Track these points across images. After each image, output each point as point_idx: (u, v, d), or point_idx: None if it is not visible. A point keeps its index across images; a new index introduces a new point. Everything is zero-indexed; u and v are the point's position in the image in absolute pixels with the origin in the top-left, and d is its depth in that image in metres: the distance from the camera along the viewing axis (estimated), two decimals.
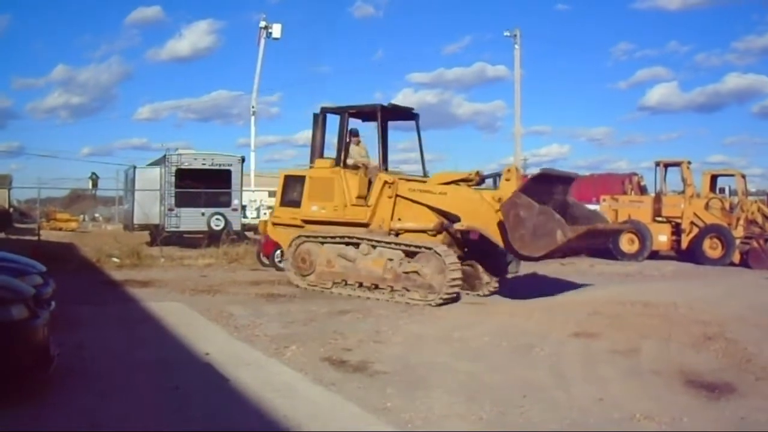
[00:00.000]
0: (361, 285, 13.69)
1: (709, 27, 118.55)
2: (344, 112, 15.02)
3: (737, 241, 22.21)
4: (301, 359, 8.09)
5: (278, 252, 18.78)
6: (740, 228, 22.41)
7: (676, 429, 5.92)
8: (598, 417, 6.17)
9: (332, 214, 14.54)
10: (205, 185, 24.86)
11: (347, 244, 14.00)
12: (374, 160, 15.31)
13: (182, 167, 25.12)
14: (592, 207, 27.74)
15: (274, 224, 15.97)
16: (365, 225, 14.10)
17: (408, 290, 12.96)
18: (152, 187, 25.52)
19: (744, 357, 8.63)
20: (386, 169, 15.21)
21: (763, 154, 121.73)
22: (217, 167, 25.70)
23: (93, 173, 34.55)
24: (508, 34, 35.37)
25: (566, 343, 9.37)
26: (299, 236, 14.75)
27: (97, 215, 53.63)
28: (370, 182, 14.47)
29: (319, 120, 15.37)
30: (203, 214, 24.96)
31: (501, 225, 12.31)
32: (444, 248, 12.90)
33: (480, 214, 12.83)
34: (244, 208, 29.66)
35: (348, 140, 15.13)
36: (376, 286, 13.40)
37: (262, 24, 38.90)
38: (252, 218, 33.18)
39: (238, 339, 9.30)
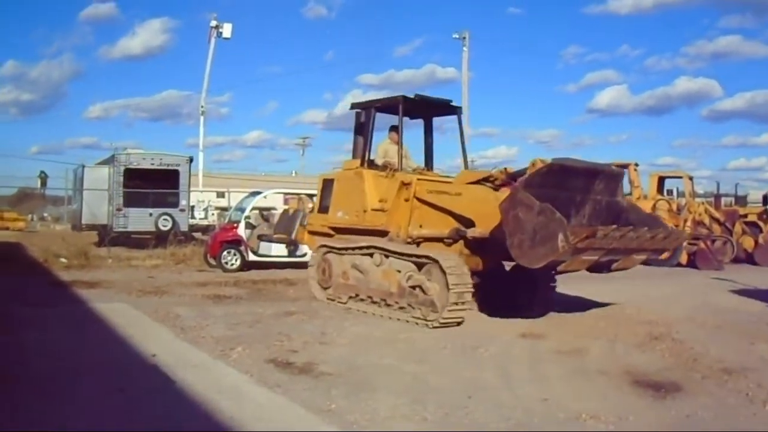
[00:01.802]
0: (372, 301, 11.89)
1: (660, 32, 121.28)
2: (371, 107, 13.42)
3: (684, 243, 22.44)
4: (246, 361, 7.96)
5: (224, 253, 18.73)
6: (687, 229, 22.47)
7: (622, 428, 5.91)
8: (543, 417, 6.14)
9: (354, 221, 12.87)
10: (154, 185, 24.62)
11: (363, 254, 12.24)
12: (416, 161, 13.76)
13: (131, 167, 24.82)
14: None
15: (310, 232, 14.56)
16: (384, 233, 12.25)
17: (413, 307, 10.90)
18: (101, 186, 25.16)
19: (690, 356, 8.71)
20: (428, 171, 13.57)
21: (711, 157, 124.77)
22: (165, 167, 25.48)
23: (42, 172, 34.17)
24: (457, 36, 35.44)
25: (512, 343, 9.37)
26: (321, 245, 13.40)
27: (45, 215, 52.83)
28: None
29: (361, 117, 13.69)
30: (151, 214, 24.67)
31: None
32: (452, 259, 10.65)
33: (494, 217, 10.19)
34: (192, 208, 29.40)
35: (392, 139, 13.52)
36: (386, 302, 11.55)
37: (213, 23, 38.65)
38: (200, 219, 32.92)
39: (185, 340, 9.13)
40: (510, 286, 11.97)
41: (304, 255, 19.49)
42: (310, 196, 22.82)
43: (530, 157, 12.03)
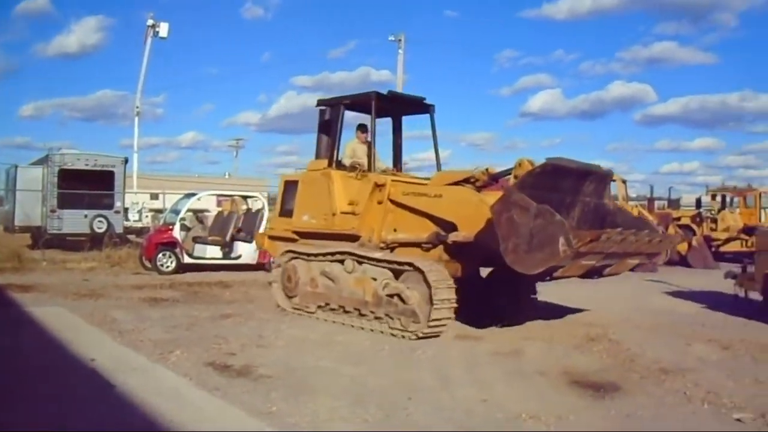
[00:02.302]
0: (344, 311, 11.01)
1: (596, 37, 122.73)
2: (339, 104, 12.43)
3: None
4: (185, 364, 7.83)
5: (160, 255, 18.50)
6: None
7: (562, 428, 5.94)
8: (483, 417, 6.15)
9: (322, 225, 12.02)
10: (89, 186, 24.04)
11: (334, 260, 11.39)
12: (384, 162, 12.92)
13: (65, 167, 24.24)
14: None
15: (270, 237, 13.69)
16: (355, 237, 11.40)
17: (391, 317, 10.10)
18: (34, 187, 24.52)
19: (627, 357, 8.81)
20: (397, 172, 12.77)
21: (644, 160, 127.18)
22: (100, 168, 24.93)
23: None
24: (393, 38, 35.48)
25: (450, 345, 9.36)
26: (286, 251, 12.36)
27: None
28: None
29: (324, 115, 12.77)
30: (86, 216, 24.14)
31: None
32: (433, 266, 9.91)
33: (478, 221, 9.63)
34: (126, 210, 28.97)
35: (360, 138, 12.77)
36: (359, 312, 10.69)
37: (150, 22, 38.22)
38: (134, 221, 32.47)
39: (123, 344, 8.93)
40: (489, 293, 11.42)
41: (239, 257, 19.45)
42: (245, 197, 22.79)
43: (463, 159, 11.66)
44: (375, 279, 10.48)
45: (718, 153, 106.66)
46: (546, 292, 12.46)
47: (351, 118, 12.99)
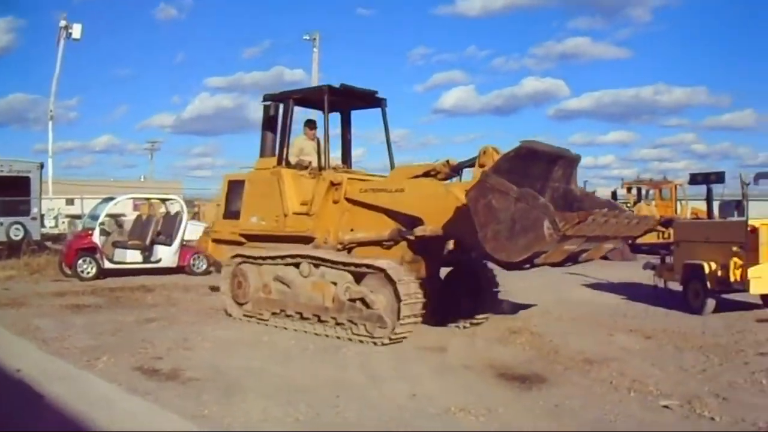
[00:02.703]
0: (302, 316, 10.33)
1: (509, 33, 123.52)
2: (288, 98, 11.72)
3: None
4: (113, 370, 7.72)
5: (80, 261, 18.12)
6: None
7: (492, 419, 6.04)
8: (413, 412, 6.23)
9: (273, 226, 11.30)
10: (3, 193, 23.24)
11: (287, 264, 10.73)
12: (335, 159, 12.14)
13: None
14: None
15: (215, 241, 12.75)
16: (309, 239, 10.77)
17: (354, 323, 9.53)
18: None
19: (551, 349, 8.99)
20: (347, 169, 12.17)
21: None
22: (15, 174, 24.12)
23: None
24: (308, 37, 35.32)
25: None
26: (235, 255, 11.58)
27: None
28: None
29: (270, 110, 12.15)
30: (2, 223, 23.34)
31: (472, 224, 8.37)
32: (398, 267, 9.44)
33: (446, 213, 9.16)
34: (42, 216, 28.26)
35: (308, 134, 12.27)
36: (319, 318, 10.05)
37: (63, 23, 37.21)
38: (50, 227, 31.68)
39: (48, 353, 8.72)
40: (452, 292, 10.95)
41: (159, 261, 19.20)
42: (163, 200, 22.49)
43: (377, 158, 11.48)
44: (335, 283, 9.89)
45: (633, 146, 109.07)
46: None
47: (297, 113, 12.38)
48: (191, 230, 20.27)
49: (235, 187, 12.32)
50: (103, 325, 10.64)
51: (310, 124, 12.33)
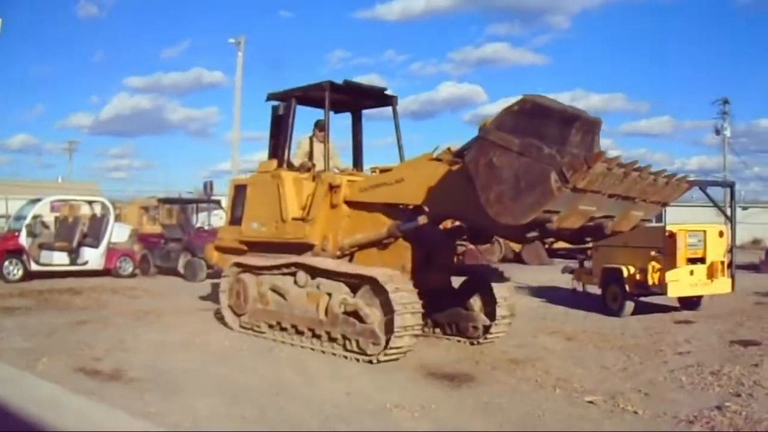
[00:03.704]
0: (298, 331, 9.43)
1: (427, 38, 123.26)
2: (290, 97, 10.88)
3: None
4: (54, 371, 7.62)
5: (6, 263, 17.73)
6: None
7: (427, 416, 6.19)
8: (351, 409, 6.36)
9: (272, 233, 10.51)
10: None
11: (284, 273, 9.90)
12: (345, 162, 11.67)
13: None
14: None
15: (219, 249, 11.99)
16: (309, 246, 9.94)
17: (348, 338, 8.66)
18: None
19: (476, 350, 9.22)
20: (357, 172, 11.37)
21: None
22: None
23: None
24: (233, 41, 34.92)
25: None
26: (234, 264, 10.79)
27: None
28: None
29: (279, 109, 11.17)
30: None
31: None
32: (392, 275, 8.46)
33: (449, 193, 8.14)
34: None
35: (318, 136, 11.26)
36: (314, 332, 9.18)
37: None
38: None
39: None
40: (466, 303, 9.84)
41: (86, 263, 18.96)
42: (90, 202, 22.18)
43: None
44: (330, 294, 9.02)
45: None
46: None
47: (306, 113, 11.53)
48: (118, 232, 20.11)
49: (239, 192, 11.55)
50: (36, 327, 10.49)
51: (320, 124, 11.20)
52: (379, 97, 11.51)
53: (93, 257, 19.03)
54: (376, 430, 5.86)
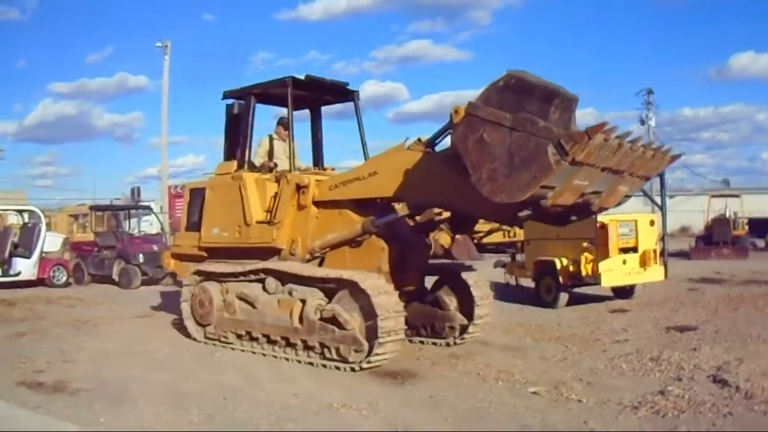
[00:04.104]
0: (270, 340, 8.95)
1: (350, 37, 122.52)
2: (248, 95, 10.27)
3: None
4: None
5: None
6: None
7: (375, 413, 6.28)
8: (298, 409, 6.42)
9: (235, 238, 9.89)
10: None
11: (252, 280, 9.41)
12: (305, 162, 11.09)
13: None
14: None
15: (176, 256, 11.41)
16: (275, 251, 9.43)
17: (326, 347, 8.22)
18: None
19: (414, 346, 9.31)
20: (319, 170, 10.78)
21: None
22: None
23: None
24: (160, 44, 34.41)
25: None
26: (195, 272, 10.17)
27: None
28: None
29: (233, 108, 10.66)
30: None
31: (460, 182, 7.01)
32: (372, 277, 8.14)
33: (429, 181, 7.82)
34: None
35: (280, 134, 10.77)
36: (288, 341, 8.70)
37: None
38: None
39: None
40: (441, 303, 9.58)
41: (18, 274, 18.59)
42: (20, 211, 21.76)
43: (217, 164, 10.46)
44: (304, 301, 8.57)
45: None
46: None
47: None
48: (49, 241, 19.79)
49: (196, 196, 10.95)
50: None
51: (284, 122, 10.67)
52: (340, 93, 11.05)
53: (25, 268, 18.64)
54: (326, 429, 5.94)
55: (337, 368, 8.04)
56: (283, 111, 10.77)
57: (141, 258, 19.54)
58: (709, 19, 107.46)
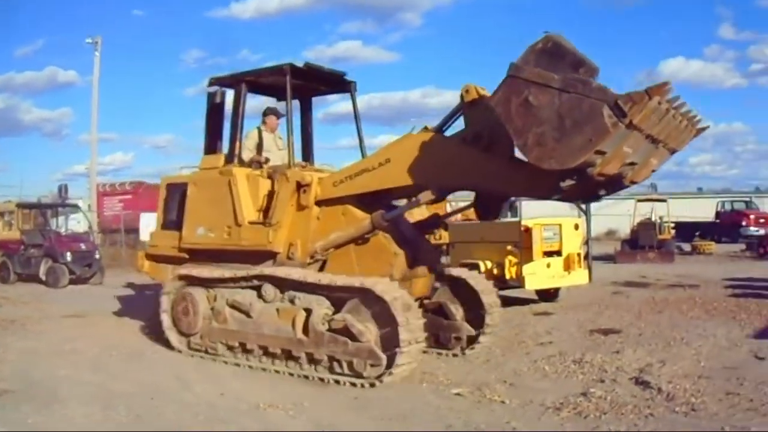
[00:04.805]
0: (267, 352, 8.12)
1: (282, 36, 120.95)
2: (240, 82, 9.38)
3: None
4: None
5: None
6: None
7: (301, 413, 6.32)
8: (226, 410, 6.46)
9: (224, 239, 9.00)
10: None
11: (243, 286, 8.50)
12: (294, 156, 9.37)
13: None
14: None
15: (151, 258, 10.36)
16: (271, 254, 8.65)
17: (337, 360, 7.44)
18: None
19: None
20: (306, 166, 9.71)
21: (330, 158, 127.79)
22: None
23: None
24: (90, 40, 33.64)
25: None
26: (177, 275, 9.26)
27: None
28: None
29: (216, 97, 9.81)
30: None
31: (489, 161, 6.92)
32: (388, 283, 7.45)
33: (453, 161, 7.27)
34: None
35: (270, 125, 10.07)
36: (290, 355, 7.88)
37: None
38: None
39: None
40: (442, 305, 8.97)
41: None
42: None
43: (146, 162, 9.81)
44: (308, 310, 7.78)
45: None
46: None
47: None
48: None
49: (174, 192, 10.00)
50: None
51: (273, 113, 10.05)
52: (336, 83, 10.14)
53: None
54: (253, 429, 5.98)
55: (353, 384, 7.30)
56: (266, 102, 10.33)
57: (69, 257, 19.23)
58: (639, 24, 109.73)
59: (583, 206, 15.12)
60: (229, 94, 9.73)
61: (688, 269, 21.56)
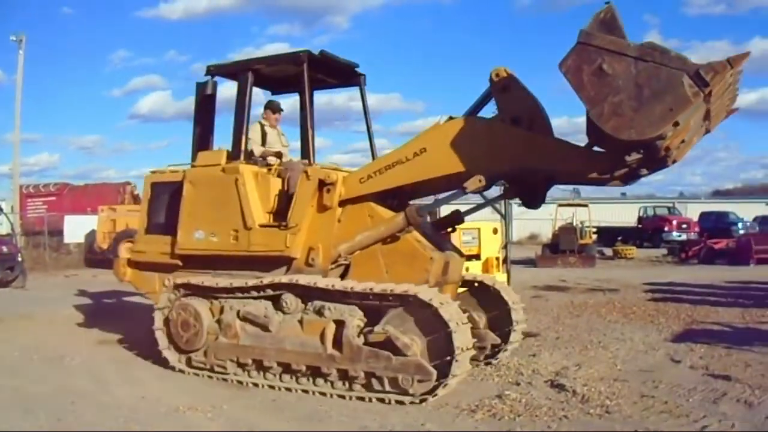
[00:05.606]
0: (288, 369, 7.23)
1: (210, 37, 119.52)
2: (246, 71, 8.44)
3: None
4: None
5: None
6: None
7: (219, 415, 6.33)
8: (146, 412, 6.42)
9: (230, 244, 8.06)
10: None
11: (255, 296, 7.56)
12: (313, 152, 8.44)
13: None
14: (88, 218, 27.29)
15: (134, 264, 9.20)
16: (287, 260, 7.78)
17: (377, 377, 6.67)
18: None
19: None
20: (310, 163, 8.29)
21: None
22: None
23: None
24: (14, 38, 32.78)
25: (94, 351, 9.34)
26: (175, 285, 8.20)
27: None
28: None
29: (207, 88, 8.82)
30: None
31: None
32: (429, 290, 6.77)
33: (499, 144, 6.77)
34: None
35: (271, 120, 9.29)
36: (318, 371, 7.02)
37: None
38: None
39: None
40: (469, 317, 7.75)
41: None
42: None
43: (72, 163, 9.08)
44: (340, 321, 6.97)
45: (325, 152, 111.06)
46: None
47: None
48: None
49: (161, 192, 9.01)
50: None
51: (274, 106, 9.36)
52: (347, 75, 9.23)
53: None
54: (174, 430, 5.98)
55: (402, 403, 6.59)
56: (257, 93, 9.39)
57: None
58: (568, 33, 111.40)
59: (503, 211, 15.27)
60: (225, 85, 9.05)
61: (609, 274, 21.95)
